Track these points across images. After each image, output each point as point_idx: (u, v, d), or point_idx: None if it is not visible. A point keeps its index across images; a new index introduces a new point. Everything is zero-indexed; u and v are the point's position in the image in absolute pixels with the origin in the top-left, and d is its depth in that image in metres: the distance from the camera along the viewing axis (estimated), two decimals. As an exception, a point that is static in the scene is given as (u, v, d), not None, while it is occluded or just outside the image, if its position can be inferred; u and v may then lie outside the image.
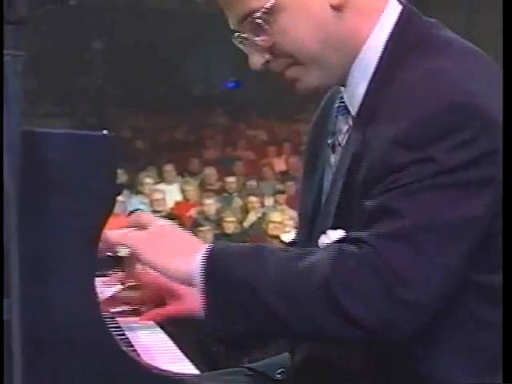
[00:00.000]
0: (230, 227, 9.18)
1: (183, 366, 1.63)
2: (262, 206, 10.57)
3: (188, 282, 1.56)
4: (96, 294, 1.46)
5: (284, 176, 12.12)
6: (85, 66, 17.45)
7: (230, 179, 11.59)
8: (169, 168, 11.67)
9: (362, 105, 1.62)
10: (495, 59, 1.63)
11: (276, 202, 10.70)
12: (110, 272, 1.92)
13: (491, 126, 1.48)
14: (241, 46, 1.65)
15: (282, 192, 10.86)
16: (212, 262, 1.53)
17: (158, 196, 10.08)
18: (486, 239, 1.53)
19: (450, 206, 1.47)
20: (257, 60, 1.63)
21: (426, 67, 1.52)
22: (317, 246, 1.64)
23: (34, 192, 1.39)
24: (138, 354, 1.61)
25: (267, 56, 1.63)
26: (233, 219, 9.39)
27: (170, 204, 10.48)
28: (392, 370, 1.59)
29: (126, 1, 17.84)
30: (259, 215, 9.99)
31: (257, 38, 1.61)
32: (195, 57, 17.20)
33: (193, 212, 10.25)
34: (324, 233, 1.61)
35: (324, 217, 1.66)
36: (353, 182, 1.57)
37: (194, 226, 9.14)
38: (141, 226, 1.63)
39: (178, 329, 1.91)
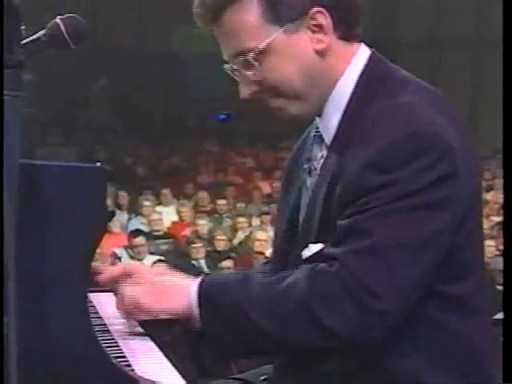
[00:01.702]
0: (221, 244, 9.14)
1: (173, 376, 1.61)
2: (250, 225, 10.52)
3: (187, 316, 1.60)
4: (88, 310, 1.45)
5: (269, 199, 12.10)
6: (90, 101, 17.44)
7: (221, 202, 11.57)
8: (166, 192, 11.64)
9: (336, 134, 1.65)
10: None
11: (262, 222, 10.66)
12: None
13: (450, 152, 1.52)
14: (232, 75, 1.68)
15: (267, 213, 10.83)
16: (204, 293, 1.59)
17: (155, 217, 10.04)
18: (447, 253, 1.55)
19: (413, 224, 1.50)
20: (245, 90, 1.67)
21: (392, 101, 1.58)
22: (294, 258, 1.68)
23: (33, 218, 1.38)
24: (130, 365, 1.59)
25: (255, 88, 1.66)
26: (223, 237, 9.35)
27: (166, 224, 10.44)
28: (364, 370, 1.60)
29: (128, 44, 17.86)
30: (247, 234, 9.95)
31: (247, 72, 1.64)
32: (190, 93, 17.21)
33: (187, 231, 10.21)
34: (306, 246, 1.63)
35: (305, 233, 1.67)
36: (330, 203, 1.60)
37: (188, 244, 9.10)
38: (127, 276, 1.69)
39: (171, 339, 1.91)
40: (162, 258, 8.04)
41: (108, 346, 1.69)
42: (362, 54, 1.68)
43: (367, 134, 1.56)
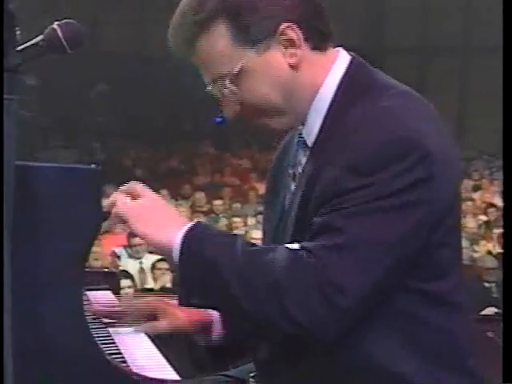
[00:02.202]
0: (217, 244, 9.11)
1: (166, 372, 1.60)
2: (245, 225, 10.51)
3: (168, 254, 1.56)
4: (83, 308, 1.43)
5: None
6: (91, 105, 17.43)
7: (218, 202, 11.57)
8: (164, 193, 11.60)
9: (316, 138, 1.64)
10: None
11: (257, 221, 10.63)
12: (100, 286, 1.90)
13: (427, 157, 1.51)
14: (215, 96, 1.66)
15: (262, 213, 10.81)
16: (190, 239, 1.54)
17: (154, 217, 10.00)
18: (423, 252, 1.56)
19: (384, 225, 1.50)
20: (228, 111, 1.66)
21: (373, 106, 1.55)
22: None
23: (29, 218, 1.36)
24: (125, 361, 1.58)
25: (237, 108, 1.65)
26: (219, 237, 9.32)
27: (165, 224, 10.41)
28: (344, 361, 1.60)
29: (126, 49, 17.86)
30: (242, 233, 9.93)
31: (227, 95, 1.63)
32: (187, 96, 17.21)
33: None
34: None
35: (283, 233, 1.68)
36: (308, 204, 1.59)
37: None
38: (134, 195, 1.61)
39: (168, 336, 1.91)
40: (161, 256, 8.03)
41: (104, 343, 1.68)
42: (341, 61, 1.67)
43: (348, 137, 1.54)
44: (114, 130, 16.60)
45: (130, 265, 8.30)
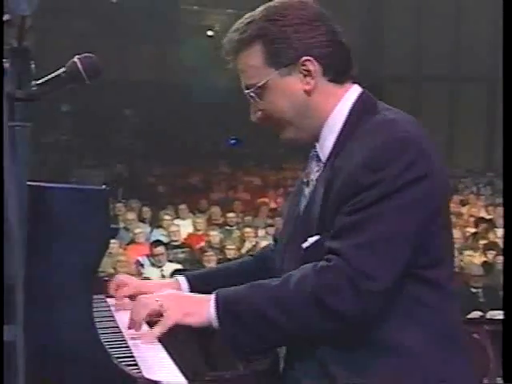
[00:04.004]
0: (231, 253, 9.07)
1: (175, 375, 1.56)
2: (256, 236, 10.47)
3: (209, 324, 1.65)
4: (92, 315, 1.40)
5: (273, 212, 12.04)
6: (117, 129, 17.52)
7: (231, 215, 11.52)
8: (183, 207, 11.61)
9: (331, 151, 1.75)
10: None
11: (267, 233, 10.59)
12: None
13: (424, 153, 1.65)
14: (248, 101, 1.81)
15: (272, 225, 10.77)
16: (222, 304, 1.64)
17: (174, 229, 9.98)
18: (425, 242, 1.65)
19: (399, 218, 1.61)
20: (253, 115, 1.81)
21: (379, 119, 1.72)
22: (291, 249, 1.77)
23: (42, 234, 1.34)
24: (139, 368, 1.54)
25: (259, 114, 1.80)
26: (233, 247, 9.28)
27: (183, 235, 10.39)
28: (358, 337, 1.66)
29: (150, 77, 17.94)
30: (253, 243, 9.90)
31: (254, 102, 1.79)
32: (205, 121, 17.25)
33: (202, 241, 10.16)
34: (306, 240, 1.72)
35: (303, 229, 1.75)
36: (327, 203, 1.68)
37: (201, 253, 9.05)
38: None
39: (184, 335, 1.93)
40: (180, 266, 8.01)
41: (119, 347, 1.65)
42: (353, 92, 1.80)
43: (358, 144, 1.67)
44: (139, 151, 16.65)
45: (152, 272, 8.29)
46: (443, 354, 1.68)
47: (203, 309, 1.65)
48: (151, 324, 1.74)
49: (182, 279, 1.98)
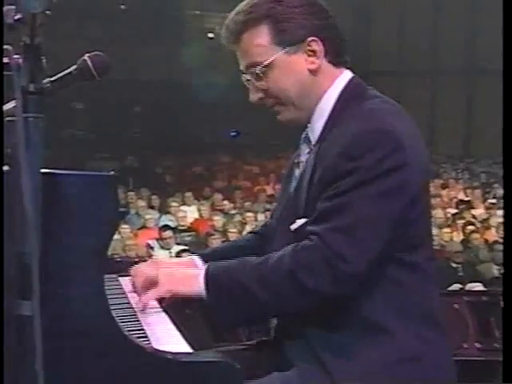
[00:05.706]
0: (233, 236, 9.07)
1: (182, 346, 1.54)
2: (256, 220, 10.46)
3: (198, 296, 1.62)
4: (104, 292, 1.38)
5: (271, 198, 12.03)
6: (128, 124, 17.49)
7: (232, 202, 11.50)
8: (188, 194, 11.59)
9: (320, 135, 1.69)
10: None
11: (266, 217, 10.56)
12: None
13: (401, 146, 1.57)
14: (246, 84, 1.73)
15: (269, 210, 10.76)
16: (210, 278, 1.61)
17: (181, 214, 10.01)
18: (405, 227, 1.59)
19: (375, 205, 1.55)
20: (254, 96, 1.73)
21: (361, 108, 1.65)
22: (281, 229, 1.73)
23: (56, 217, 1.32)
24: (148, 340, 1.52)
25: (261, 95, 1.72)
26: (234, 230, 9.28)
27: (190, 220, 10.38)
28: (340, 315, 1.62)
29: (159, 77, 17.89)
30: (253, 227, 9.88)
31: (256, 82, 1.71)
32: (207, 115, 17.21)
33: (206, 226, 10.15)
34: (294, 222, 1.67)
35: (292, 211, 1.70)
36: (312, 187, 1.64)
37: (206, 236, 9.05)
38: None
39: (191, 310, 1.92)
40: (186, 247, 8.00)
41: (130, 321, 1.63)
42: (344, 77, 1.74)
43: (341, 131, 1.62)
44: (148, 145, 16.62)
45: (161, 254, 8.28)
46: (420, 332, 1.63)
47: (195, 280, 1.62)
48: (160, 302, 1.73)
49: (196, 258, 1.91)
